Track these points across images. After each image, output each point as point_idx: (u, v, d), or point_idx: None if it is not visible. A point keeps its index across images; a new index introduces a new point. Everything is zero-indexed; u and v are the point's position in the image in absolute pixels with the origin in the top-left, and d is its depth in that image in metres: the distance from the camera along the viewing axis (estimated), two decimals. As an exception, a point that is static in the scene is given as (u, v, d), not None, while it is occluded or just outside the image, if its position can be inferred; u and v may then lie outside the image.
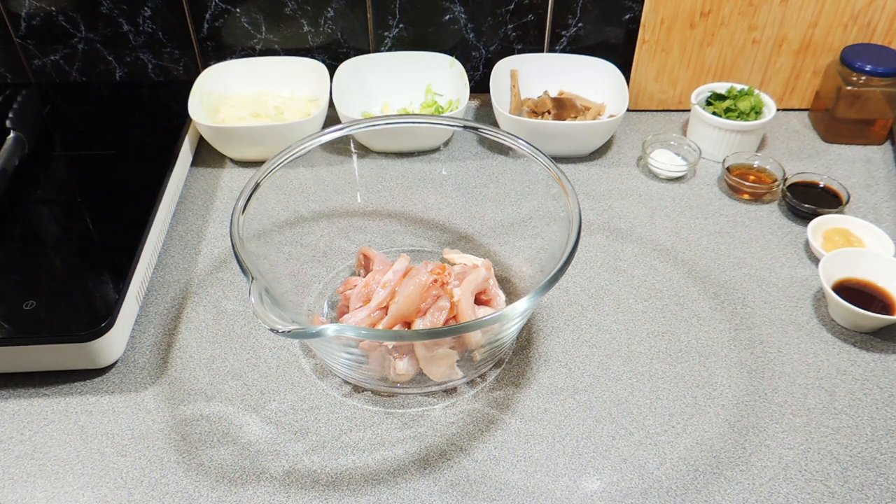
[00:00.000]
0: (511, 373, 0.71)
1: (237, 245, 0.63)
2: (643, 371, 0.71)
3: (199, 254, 0.85)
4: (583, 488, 0.62)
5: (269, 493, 0.61)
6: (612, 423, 0.67)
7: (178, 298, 0.79)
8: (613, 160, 1.00)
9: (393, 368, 0.66)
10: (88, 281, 0.73)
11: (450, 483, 0.62)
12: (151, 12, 1.04)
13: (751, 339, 0.75)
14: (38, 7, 1.02)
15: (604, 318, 0.77)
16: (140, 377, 0.71)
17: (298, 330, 0.55)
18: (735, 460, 0.64)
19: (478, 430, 0.66)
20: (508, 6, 1.04)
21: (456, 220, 0.86)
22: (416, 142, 0.93)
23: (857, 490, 0.61)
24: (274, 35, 1.06)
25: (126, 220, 0.80)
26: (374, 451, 0.65)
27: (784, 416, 0.67)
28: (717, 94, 1.00)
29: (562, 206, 0.68)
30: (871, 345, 0.74)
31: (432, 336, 0.62)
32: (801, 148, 1.01)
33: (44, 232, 0.80)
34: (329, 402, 0.69)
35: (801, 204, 0.88)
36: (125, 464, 0.64)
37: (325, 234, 0.82)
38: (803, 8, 0.98)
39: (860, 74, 0.95)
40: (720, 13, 0.98)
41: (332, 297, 0.78)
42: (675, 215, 0.90)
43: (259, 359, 0.73)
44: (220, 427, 0.66)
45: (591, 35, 1.07)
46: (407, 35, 1.07)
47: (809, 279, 0.81)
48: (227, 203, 0.92)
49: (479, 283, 0.70)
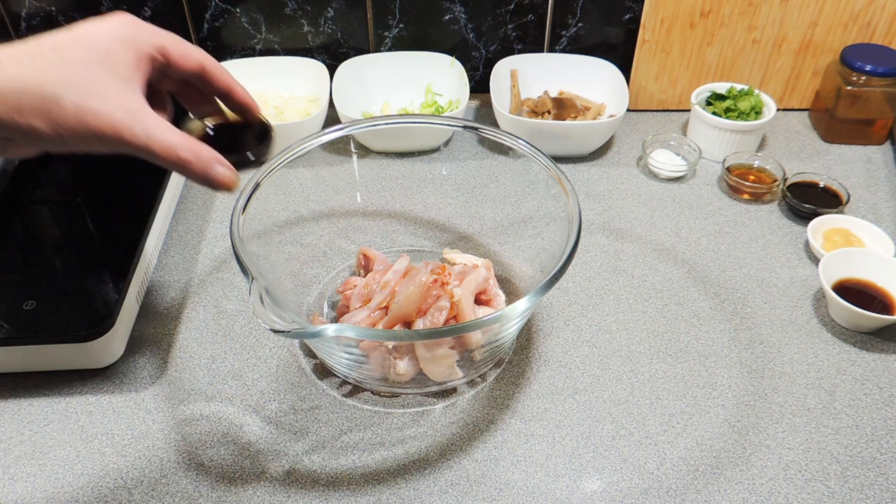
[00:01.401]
0: (511, 373, 0.71)
1: (237, 245, 0.63)
2: (643, 371, 0.71)
3: (199, 254, 0.85)
4: (583, 488, 0.62)
5: (269, 493, 0.61)
6: (612, 423, 0.67)
7: (178, 298, 0.79)
8: (613, 160, 1.00)
9: (393, 368, 0.66)
10: (88, 281, 0.73)
11: (450, 483, 0.62)
12: (151, 12, 1.04)
13: (751, 339, 0.75)
14: (38, 7, 1.02)
15: (604, 318, 0.77)
16: (140, 377, 0.71)
17: (298, 330, 0.55)
18: (735, 460, 0.64)
19: (478, 430, 0.66)
20: (508, 6, 1.04)
21: (456, 220, 0.86)
22: (416, 142, 0.93)
23: (857, 490, 0.61)
24: (274, 35, 1.07)
25: (126, 220, 0.80)
26: (374, 451, 0.65)
27: (784, 416, 0.67)
28: (717, 94, 1.00)
29: (562, 206, 0.68)
30: (871, 345, 0.74)
31: (432, 336, 0.62)
32: (801, 148, 1.01)
33: (44, 232, 0.80)
34: (329, 402, 0.69)
35: (801, 204, 0.88)
36: (125, 464, 0.64)
37: (325, 234, 0.82)
38: (803, 8, 0.98)
39: (860, 74, 0.95)
40: (720, 13, 0.98)
41: (332, 297, 0.78)
42: (675, 215, 0.90)
43: (259, 359, 0.73)
44: (220, 427, 0.66)
45: (591, 35, 1.07)
46: (407, 35, 1.07)
47: (809, 279, 0.81)
48: (227, 203, 0.92)
49: (479, 283, 0.70)
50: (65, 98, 0.40)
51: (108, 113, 0.41)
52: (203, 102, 0.52)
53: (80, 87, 0.41)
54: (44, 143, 0.42)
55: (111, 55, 0.43)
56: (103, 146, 0.42)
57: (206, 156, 0.45)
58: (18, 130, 0.41)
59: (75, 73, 0.41)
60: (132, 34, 0.45)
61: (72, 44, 0.42)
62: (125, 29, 0.45)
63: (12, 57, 0.40)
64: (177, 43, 0.47)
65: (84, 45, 0.42)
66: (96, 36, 0.43)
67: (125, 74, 0.43)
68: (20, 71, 0.40)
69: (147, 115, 0.43)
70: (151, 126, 0.43)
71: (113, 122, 0.42)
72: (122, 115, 0.42)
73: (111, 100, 0.42)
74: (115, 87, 0.42)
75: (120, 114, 0.42)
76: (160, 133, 0.43)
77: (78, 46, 0.42)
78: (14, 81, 0.40)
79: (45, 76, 0.40)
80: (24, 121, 0.40)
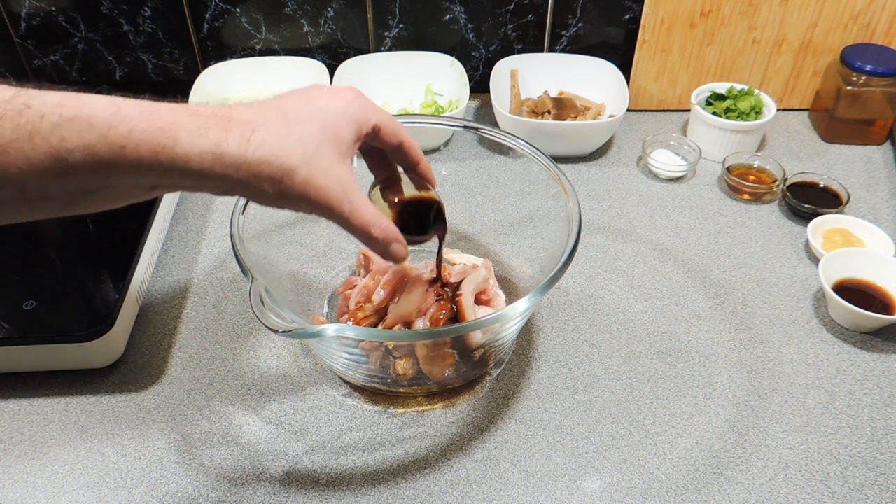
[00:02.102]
0: (511, 373, 0.71)
1: (237, 245, 0.63)
2: (643, 371, 0.71)
3: (199, 254, 0.85)
4: (583, 488, 0.62)
5: (269, 493, 0.61)
6: (612, 423, 0.67)
7: (178, 298, 0.79)
8: (613, 160, 1.00)
9: (393, 368, 0.66)
10: (88, 281, 0.73)
11: (450, 483, 0.62)
12: (151, 12, 1.04)
13: (751, 339, 0.75)
14: (38, 7, 1.02)
15: (604, 318, 0.77)
16: (140, 377, 0.71)
17: (298, 330, 0.55)
18: (735, 460, 0.64)
19: (478, 430, 0.66)
20: (508, 6, 1.04)
21: (456, 220, 0.86)
22: (416, 142, 0.93)
23: (857, 490, 0.61)
24: (274, 35, 1.06)
25: (126, 220, 0.80)
26: (374, 451, 0.65)
27: (784, 416, 0.67)
28: (717, 94, 1.00)
29: (562, 206, 0.68)
30: (871, 345, 0.74)
31: (432, 336, 0.62)
32: (801, 148, 1.01)
33: (44, 232, 0.80)
34: (329, 402, 0.69)
35: (801, 204, 0.88)
36: (125, 464, 0.64)
37: (325, 234, 0.82)
38: (803, 8, 0.98)
39: (860, 74, 0.95)
40: (720, 13, 0.98)
41: (332, 297, 0.78)
42: (675, 215, 0.90)
43: (259, 359, 0.73)
44: (220, 427, 0.66)
45: (591, 35, 1.07)
46: (407, 35, 1.07)
47: (809, 279, 0.81)
48: (227, 203, 0.92)
49: (479, 283, 0.70)
50: (298, 172, 0.44)
51: (328, 189, 0.46)
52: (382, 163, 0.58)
53: (311, 163, 0.45)
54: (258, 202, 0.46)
55: (339, 134, 0.47)
56: (307, 210, 0.47)
57: (391, 236, 0.51)
58: (247, 191, 0.44)
59: (310, 148, 0.45)
60: (357, 113, 0.49)
61: (308, 118, 0.46)
62: (353, 108, 0.49)
63: (260, 122, 0.44)
64: (388, 122, 0.52)
65: (318, 122, 0.46)
66: (328, 113, 0.47)
67: (345, 151, 0.48)
68: (266, 140, 0.43)
69: (355, 193, 0.48)
70: (356, 204, 0.48)
71: (329, 197, 0.46)
72: (336, 192, 0.46)
73: (332, 176, 0.46)
74: (337, 165, 0.47)
75: (335, 190, 0.46)
76: (361, 211, 0.48)
77: (314, 122, 0.46)
78: (260, 150, 0.43)
79: (286, 149, 0.44)
80: (257, 184, 0.44)
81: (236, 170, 0.42)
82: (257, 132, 0.43)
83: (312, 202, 0.46)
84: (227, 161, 0.42)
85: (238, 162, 0.42)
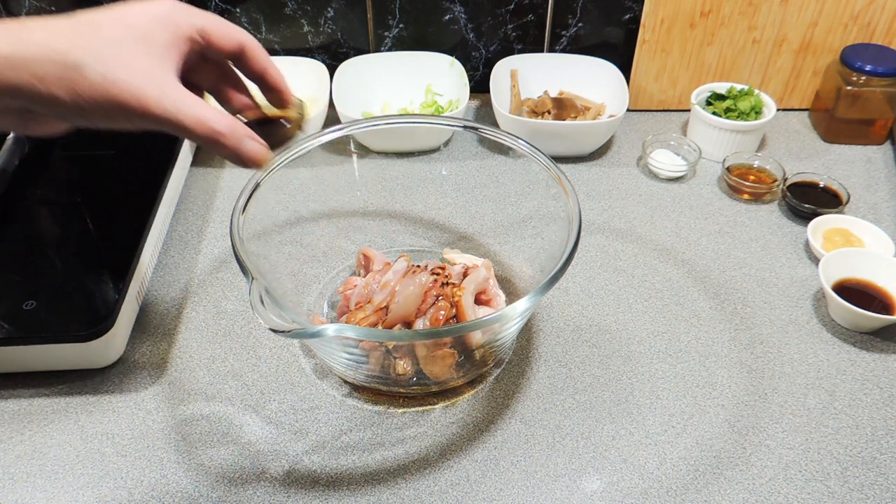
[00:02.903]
0: (511, 373, 0.71)
1: (237, 245, 0.63)
2: (643, 371, 0.71)
3: (199, 254, 0.85)
4: (583, 488, 0.62)
5: (269, 493, 0.61)
6: (612, 423, 0.67)
7: (178, 298, 0.79)
8: (613, 160, 1.00)
9: (393, 368, 0.66)
10: (88, 281, 0.73)
11: (450, 483, 0.62)
12: (151, 12, 1.03)
13: (751, 339, 0.75)
14: (38, 7, 1.02)
15: (604, 318, 0.77)
16: (140, 377, 0.71)
17: (298, 330, 0.55)
18: (735, 460, 0.64)
19: (478, 430, 0.66)
20: (508, 6, 1.04)
21: (456, 220, 0.86)
22: (416, 142, 0.93)
23: (857, 490, 0.61)
24: (274, 35, 1.06)
25: (126, 220, 0.80)
26: (374, 451, 0.65)
27: (784, 416, 0.67)
28: (717, 94, 1.00)
29: (562, 206, 0.68)
30: (871, 345, 0.74)
31: (432, 336, 0.62)
32: (801, 148, 1.01)
33: (44, 232, 0.80)
34: (329, 402, 0.69)
35: (801, 204, 0.88)
36: (125, 464, 0.64)
37: (325, 234, 0.82)
38: (803, 8, 0.98)
39: (860, 74, 0.95)
40: (720, 13, 0.98)
41: (332, 297, 0.78)
42: (675, 215, 0.90)
43: (259, 359, 0.73)
44: (220, 427, 0.66)
45: (591, 35, 1.07)
46: (407, 35, 1.07)
47: (809, 279, 0.81)
48: (227, 203, 0.92)
49: (479, 283, 0.70)
50: (90, 67, 0.39)
51: (135, 84, 0.40)
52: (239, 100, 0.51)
53: (107, 58, 0.39)
54: (64, 116, 0.41)
55: (147, 34, 0.42)
56: (128, 120, 0.41)
57: (240, 130, 0.44)
58: (38, 100, 0.39)
59: (106, 45, 0.40)
60: (171, 14, 0.44)
61: (109, 22, 0.41)
62: (164, 9, 0.43)
63: (43, 26, 0.39)
64: (217, 23, 0.46)
65: (122, 24, 0.41)
66: (135, 15, 0.42)
67: (159, 52, 0.42)
68: (48, 38, 0.38)
69: (177, 88, 0.42)
70: (181, 99, 0.41)
71: (139, 93, 0.40)
72: (149, 87, 0.40)
73: (139, 72, 0.40)
74: (146, 61, 0.41)
75: (147, 86, 0.40)
76: (190, 106, 0.41)
77: (116, 24, 0.41)
78: (40, 48, 0.38)
79: (73, 45, 0.39)
80: (45, 89, 0.39)
81: (12, 70, 0.38)
82: (36, 32, 0.38)
83: (120, 103, 0.39)
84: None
85: (14, 62, 0.38)
